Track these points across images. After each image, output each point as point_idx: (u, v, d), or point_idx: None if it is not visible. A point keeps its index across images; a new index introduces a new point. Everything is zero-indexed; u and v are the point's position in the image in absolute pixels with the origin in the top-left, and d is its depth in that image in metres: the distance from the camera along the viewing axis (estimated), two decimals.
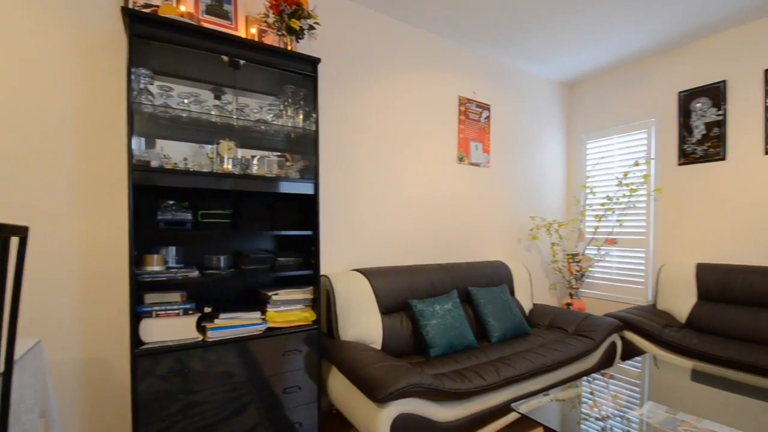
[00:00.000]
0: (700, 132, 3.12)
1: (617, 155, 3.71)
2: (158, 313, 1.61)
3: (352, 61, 2.65)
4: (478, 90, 3.34)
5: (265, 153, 2.14)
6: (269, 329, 1.86)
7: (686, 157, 3.21)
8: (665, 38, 3.10)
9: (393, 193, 2.83)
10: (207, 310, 1.75)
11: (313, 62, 2.02)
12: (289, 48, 2.00)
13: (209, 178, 1.75)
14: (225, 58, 1.83)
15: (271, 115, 2.03)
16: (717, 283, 2.79)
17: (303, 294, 2.00)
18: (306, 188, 2.00)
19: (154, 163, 1.64)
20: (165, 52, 1.76)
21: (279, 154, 2.18)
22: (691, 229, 3.18)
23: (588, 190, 3.90)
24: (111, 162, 1.86)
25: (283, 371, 1.88)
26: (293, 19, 1.96)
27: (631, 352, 2.75)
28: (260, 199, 2.09)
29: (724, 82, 2.98)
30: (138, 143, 1.75)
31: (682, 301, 2.94)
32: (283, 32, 1.99)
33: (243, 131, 1.99)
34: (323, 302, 2.28)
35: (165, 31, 1.64)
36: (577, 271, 3.66)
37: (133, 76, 1.59)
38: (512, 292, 3.09)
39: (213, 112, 1.86)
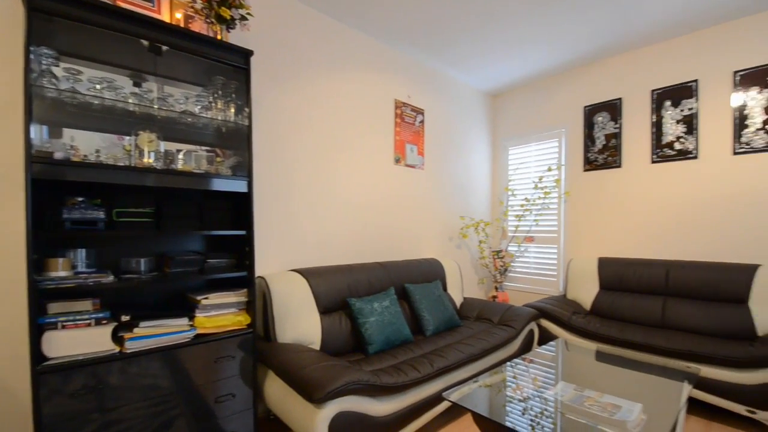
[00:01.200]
0: (601, 142, 3.58)
1: (534, 161, 4.10)
2: (65, 324, 1.42)
3: (290, 57, 2.58)
4: (413, 94, 3.46)
5: (193, 147, 1.99)
6: (199, 336, 1.74)
7: (590, 164, 3.66)
8: (573, 58, 3.51)
9: (332, 193, 2.82)
10: (124, 318, 1.59)
11: (246, 54, 1.93)
12: (219, 37, 1.89)
13: (126, 173, 1.58)
14: (145, 43, 1.68)
15: (199, 107, 1.90)
16: (615, 275, 3.22)
17: (236, 297, 1.90)
18: (239, 186, 1.91)
19: (58, 155, 1.44)
20: (73, 30, 1.56)
21: (208, 149, 2.05)
22: (594, 228, 3.62)
23: (510, 193, 4.26)
24: (5, 153, 1.60)
25: (215, 379, 1.77)
26: (223, 8, 1.86)
27: (546, 337, 3.05)
28: (187, 196, 1.94)
29: (620, 99, 3.45)
30: (39, 132, 1.52)
31: (587, 291, 3.34)
32: (212, 20, 1.88)
33: (166, 123, 1.84)
34: (259, 304, 2.19)
35: (70, 6, 1.45)
36: (501, 267, 3.98)
37: (32, 56, 1.39)
38: (445, 288, 3.26)
39: (131, 101, 1.69)
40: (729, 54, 2.86)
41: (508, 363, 1.99)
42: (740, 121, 2.81)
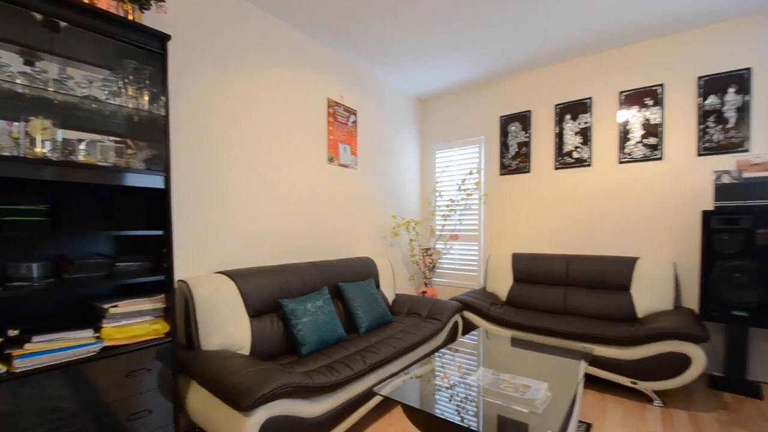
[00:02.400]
0: (514, 150, 3.93)
1: (458, 164, 4.36)
2: None
3: (219, 48, 2.41)
4: (346, 94, 3.45)
5: (98, 137, 1.76)
6: (107, 348, 1.54)
7: (505, 169, 3.99)
8: (492, 71, 3.80)
9: (263, 191, 2.69)
10: (12, 333, 1.34)
11: (162, 38, 1.76)
12: (130, 17, 1.70)
13: (13, 165, 1.35)
14: (38, 16, 1.44)
15: (105, 93, 1.68)
16: (525, 268, 3.56)
17: (152, 303, 1.73)
18: (154, 181, 1.73)
19: None
20: None
21: (118, 139, 1.82)
22: (509, 226, 3.97)
23: (437, 194, 4.48)
24: None
25: (128, 395, 1.58)
26: None
27: (469, 327, 3.27)
28: (92, 192, 1.71)
29: (529, 111, 3.82)
30: None
31: (503, 284, 3.64)
32: None
33: (65, 108, 1.60)
34: (180, 311, 2.01)
35: None
36: (430, 263, 4.16)
37: None
38: (378, 285, 3.31)
39: (19, 81, 1.44)
40: (616, 76, 3.33)
41: (436, 353, 2.09)
42: (624, 134, 3.30)
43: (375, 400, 2.16)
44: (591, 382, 2.77)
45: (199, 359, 1.81)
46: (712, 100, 2.92)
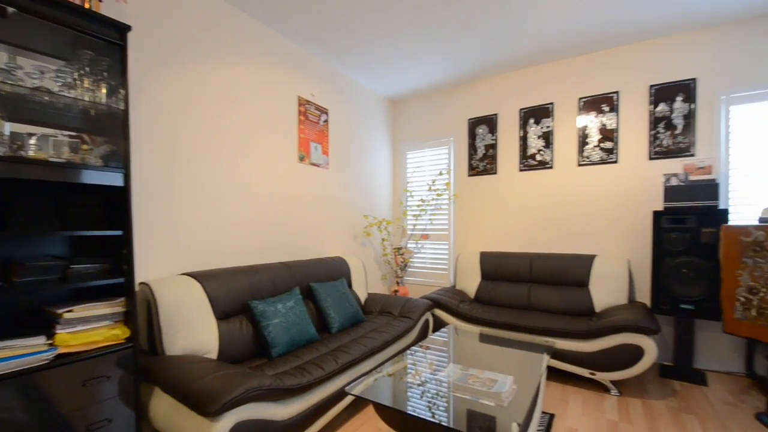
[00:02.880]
0: (482, 151, 4.03)
1: (429, 165, 4.42)
2: None
3: (186, 42, 2.32)
4: (317, 93, 3.42)
5: (51, 131, 1.64)
6: (61, 356, 1.44)
7: (473, 170, 4.09)
8: (460, 74, 3.88)
9: (232, 189, 2.61)
10: None
11: (121, 29, 1.68)
12: (86, 6, 1.60)
13: None
14: None
15: (59, 84, 1.58)
16: (492, 266, 3.66)
17: (111, 307, 1.64)
18: (112, 179, 1.64)
19: None
20: None
21: (73, 134, 1.71)
22: (477, 226, 4.07)
23: (408, 194, 4.52)
24: None
25: (86, 404, 1.49)
26: None
27: (440, 325, 3.32)
28: (44, 190, 1.60)
29: (496, 114, 3.94)
30: None
31: (471, 282, 3.73)
32: None
33: (14, 100, 1.49)
34: (142, 315, 1.91)
35: None
36: (402, 263, 4.19)
37: None
38: (350, 285, 3.30)
39: None
40: (576, 83, 3.50)
41: (408, 351, 2.11)
42: (583, 139, 3.46)
43: (347, 400, 2.15)
44: (553, 374, 2.89)
45: (163, 365, 1.73)
46: (662, 107, 3.12)
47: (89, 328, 1.55)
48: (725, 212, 2.59)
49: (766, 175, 2.77)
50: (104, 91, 1.70)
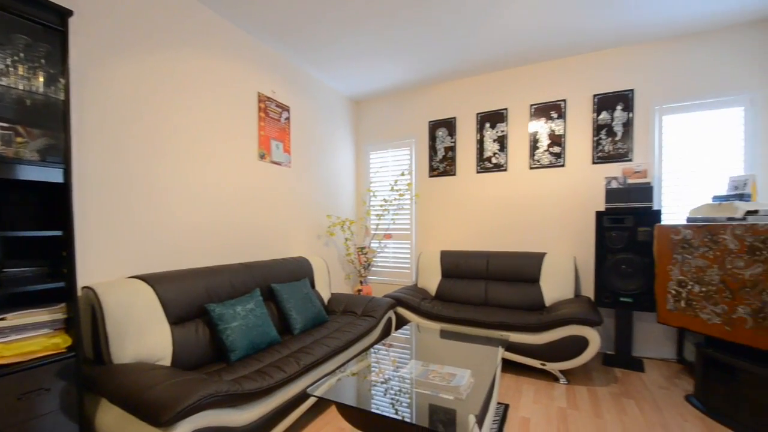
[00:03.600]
0: (442, 153, 4.13)
1: (391, 165, 4.45)
2: None
3: (139, 31, 2.17)
4: (278, 90, 3.33)
5: None
6: None
7: (434, 171, 4.18)
8: (421, 77, 3.95)
9: (188, 187, 2.48)
10: None
11: (61, 13, 1.54)
12: None
13: None
14: None
15: None
16: (452, 265, 3.76)
17: (50, 314, 1.50)
18: (51, 175, 1.50)
19: None
20: None
21: (5, 125, 1.54)
22: (438, 225, 4.16)
23: (371, 193, 4.53)
24: None
25: (22, 420, 1.35)
26: None
27: (402, 322, 3.36)
28: None
29: (455, 118, 4.04)
30: None
31: (432, 280, 3.80)
32: None
33: None
34: (86, 321, 1.77)
35: None
36: (365, 262, 4.19)
37: None
38: (313, 285, 3.25)
39: None
40: (528, 90, 3.67)
41: (372, 349, 2.11)
42: (534, 143, 3.65)
43: (310, 402, 2.12)
44: (508, 366, 3.03)
45: (111, 374, 1.61)
46: (604, 115, 3.36)
47: (25, 337, 1.41)
48: (658, 213, 2.84)
49: (692, 179, 3.06)
50: (41, 79, 1.55)
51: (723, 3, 2.63)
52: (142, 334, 1.84)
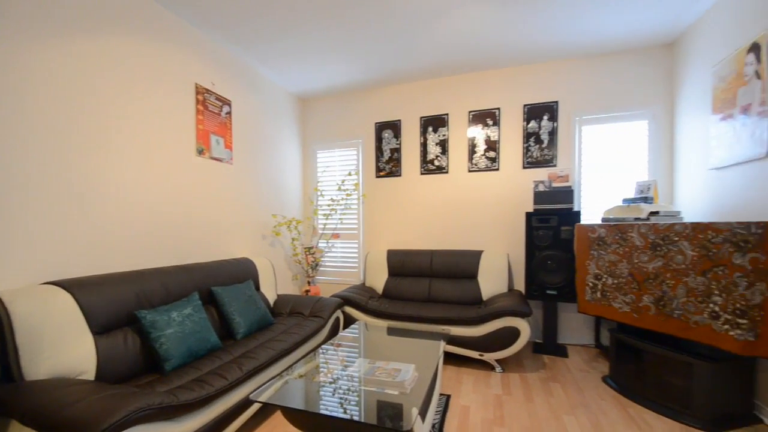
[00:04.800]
0: (387, 155, 4.19)
1: (338, 165, 4.42)
2: None
3: (65, 15, 1.90)
4: (218, 82, 3.14)
5: None
6: None
7: (380, 172, 4.23)
8: (367, 78, 3.97)
9: (115, 183, 2.24)
10: None
11: None
12: None
13: None
14: None
15: None
16: (398, 263, 3.83)
17: None
18: None
19: None
20: None
21: None
22: (385, 225, 4.21)
23: (318, 193, 4.46)
24: None
25: None
26: None
27: (350, 321, 3.35)
28: None
29: (399, 120, 4.13)
30: None
31: (380, 278, 3.85)
32: None
33: None
34: None
35: None
36: (313, 262, 4.12)
37: None
38: (258, 287, 3.11)
39: None
40: (467, 97, 3.86)
41: (320, 350, 2.08)
42: (472, 148, 3.85)
43: (255, 408, 2.04)
44: (450, 358, 3.16)
45: (23, 393, 1.41)
46: (532, 124, 3.64)
47: None
48: (578, 213, 3.15)
49: (606, 183, 3.44)
50: None
51: (633, 28, 2.98)
52: (60, 347, 1.64)
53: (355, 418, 1.36)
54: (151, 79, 2.51)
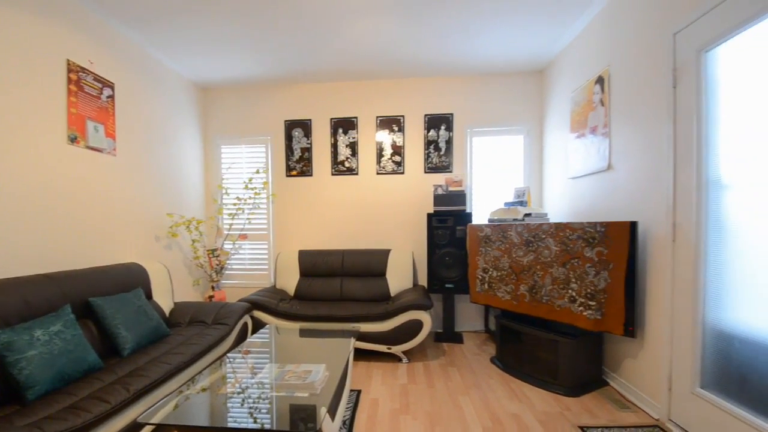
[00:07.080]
0: (298, 154, 4.09)
1: (246, 162, 4.15)
2: None
3: None
4: (97, 61, 2.67)
5: None
6: None
7: (291, 171, 4.10)
8: (276, 75, 3.82)
9: None
10: None
11: None
12: None
13: None
14: None
15: None
16: (310, 263, 3.77)
17: None
18: None
19: None
20: None
21: None
22: (296, 225, 4.10)
23: (223, 191, 4.11)
24: None
25: None
26: None
27: (260, 326, 3.18)
28: None
29: (310, 120, 4.06)
30: None
31: (291, 280, 3.73)
32: None
33: None
34: None
35: None
36: (217, 265, 3.77)
37: None
38: (150, 295, 2.73)
39: None
40: (374, 103, 3.99)
41: (226, 358, 1.94)
42: (380, 151, 3.99)
43: (148, 429, 1.80)
44: (361, 354, 3.23)
45: None
46: (432, 133, 3.94)
47: None
48: (470, 215, 3.51)
49: (492, 188, 3.90)
50: None
51: (513, 54, 3.44)
52: None
53: (266, 426, 1.31)
54: (6, 50, 2.01)
